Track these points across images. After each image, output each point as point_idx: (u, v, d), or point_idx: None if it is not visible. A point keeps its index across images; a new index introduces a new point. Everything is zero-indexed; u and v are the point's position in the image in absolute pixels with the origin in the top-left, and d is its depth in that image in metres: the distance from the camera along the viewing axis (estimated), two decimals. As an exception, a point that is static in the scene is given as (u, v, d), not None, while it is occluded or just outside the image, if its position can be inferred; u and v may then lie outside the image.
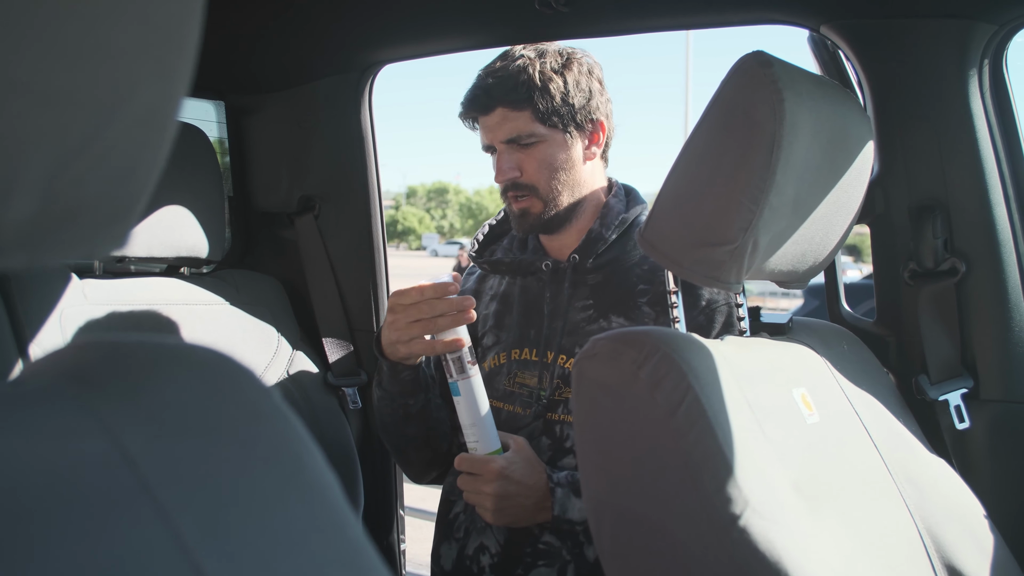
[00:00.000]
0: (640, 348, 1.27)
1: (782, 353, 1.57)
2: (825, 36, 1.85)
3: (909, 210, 1.83)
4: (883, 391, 1.70)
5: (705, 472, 1.19)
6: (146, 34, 0.44)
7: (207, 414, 0.52)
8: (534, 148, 1.94)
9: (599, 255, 2.00)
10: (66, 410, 0.47)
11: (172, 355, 0.55)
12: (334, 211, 2.52)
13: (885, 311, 1.91)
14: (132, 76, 0.44)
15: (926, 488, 1.56)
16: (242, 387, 0.56)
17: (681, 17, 2.01)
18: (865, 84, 1.83)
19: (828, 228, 1.54)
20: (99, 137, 0.44)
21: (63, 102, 0.41)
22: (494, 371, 2.07)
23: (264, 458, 0.53)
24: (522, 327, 2.06)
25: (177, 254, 2.20)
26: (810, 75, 1.45)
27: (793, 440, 1.38)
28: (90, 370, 0.51)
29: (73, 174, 0.44)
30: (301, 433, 0.57)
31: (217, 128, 2.63)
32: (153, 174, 0.49)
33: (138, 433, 0.48)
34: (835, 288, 1.97)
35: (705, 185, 1.38)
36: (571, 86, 1.94)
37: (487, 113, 1.95)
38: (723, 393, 1.27)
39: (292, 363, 2.38)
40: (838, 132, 1.46)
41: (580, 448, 1.34)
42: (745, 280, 1.44)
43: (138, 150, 0.47)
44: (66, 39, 0.40)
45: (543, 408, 1.96)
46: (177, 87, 0.47)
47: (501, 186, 1.99)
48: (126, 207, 0.48)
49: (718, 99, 1.38)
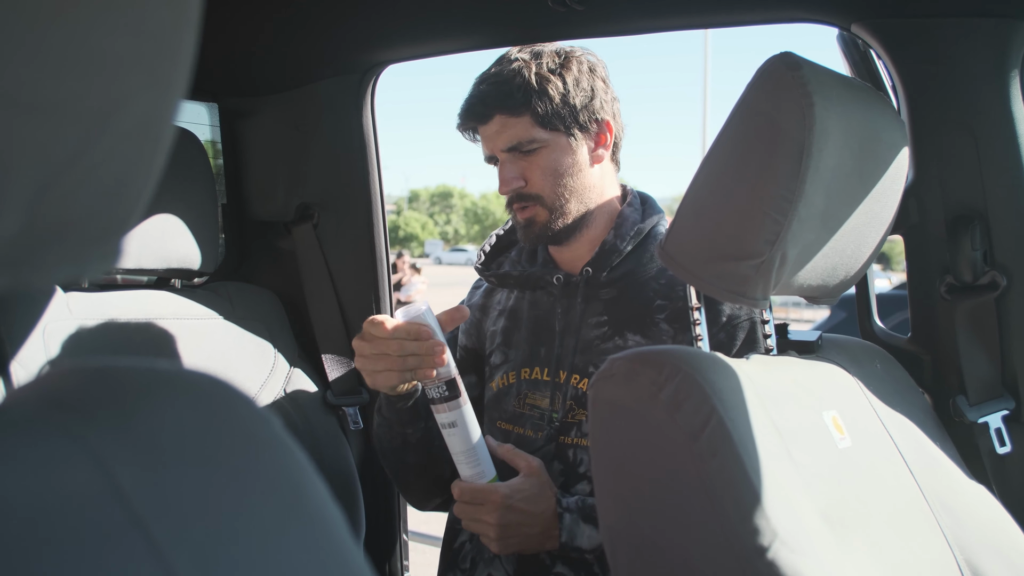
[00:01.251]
0: (660, 368, 1.26)
1: (811, 373, 1.56)
2: (856, 35, 1.84)
3: (946, 220, 1.82)
4: (918, 413, 1.69)
5: (729, 500, 1.19)
6: (139, 43, 0.44)
7: (202, 443, 0.52)
8: (536, 155, 1.93)
9: (613, 268, 1.99)
10: (52, 439, 0.47)
11: (164, 380, 0.54)
12: (334, 220, 2.51)
13: (920, 327, 1.90)
14: (124, 86, 0.44)
15: (964, 516, 1.55)
16: (239, 414, 0.56)
17: (702, 15, 2.00)
18: (899, 86, 1.82)
19: (860, 240, 1.53)
20: (89, 150, 0.44)
21: (51, 114, 0.41)
22: (503, 391, 2.06)
23: (262, 489, 0.53)
24: (532, 344, 2.04)
25: (168, 265, 2.20)
26: (841, 77, 1.45)
27: (823, 466, 1.37)
28: (78, 396, 0.50)
29: (61, 189, 0.44)
30: (301, 461, 0.57)
31: (210, 131, 2.63)
32: (147, 188, 0.49)
33: (129, 464, 0.48)
34: (867, 302, 1.96)
35: (729, 195, 1.37)
36: (571, 86, 1.93)
37: (485, 122, 1.95)
38: (749, 416, 1.27)
39: (289, 381, 2.37)
40: (870, 138, 1.45)
41: (596, 474, 1.34)
42: (772, 295, 1.44)
43: (131, 163, 0.47)
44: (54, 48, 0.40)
45: (555, 431, 1.95)
46: (172, 97, 0.47)
47: (506, 197, 1.98)
48: (118, 223, 0.48)
49: (743, 104, 1.37)
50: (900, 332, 1.97)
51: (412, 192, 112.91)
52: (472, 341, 2.19)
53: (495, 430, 2.07)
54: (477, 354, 2.18)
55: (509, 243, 2.21)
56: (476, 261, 2.18)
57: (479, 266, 2.16)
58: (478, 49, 2.25)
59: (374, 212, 2.51)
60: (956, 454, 1.70)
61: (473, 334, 2.19)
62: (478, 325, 2.19)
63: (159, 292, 2.27)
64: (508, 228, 2.20)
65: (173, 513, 0.48)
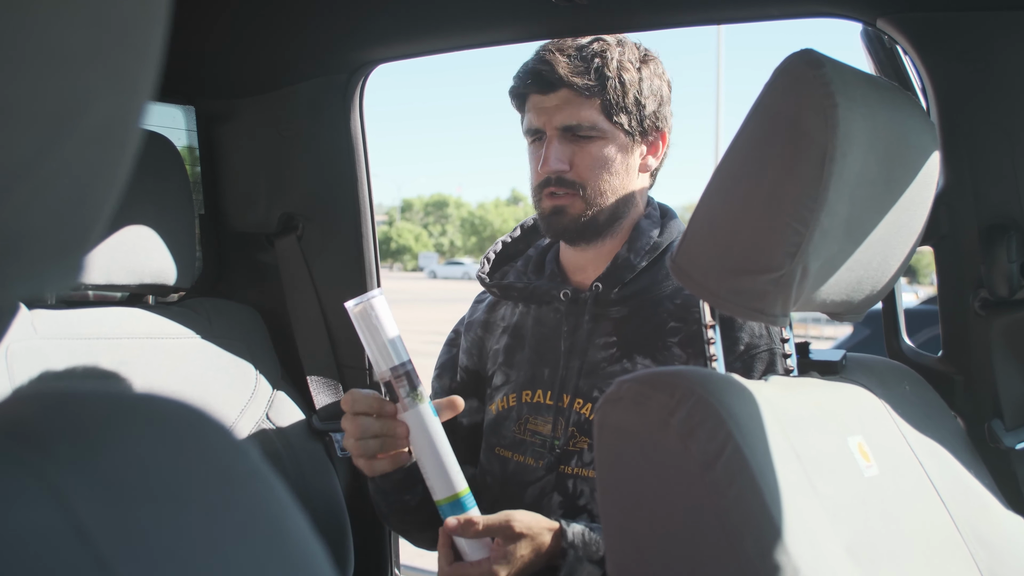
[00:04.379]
0: (671, 391, 1.25)
1: (835, 395, 1.55)
2: (882, 31, 1.84)
3: (979, 230, 1.81)
4: (950, 438, 1.68)
5: (747, 535, 1.18)
6: (101, 37, 0.43)
7: (172, 478, 0.51)
8: (591, 143, 1.92)
9: (625, 285, 1.97)
10: (8, 473, 0.46)
11: (131, 408, 0.53)
12: (320, 231, 2.51)
13: (952, 346, 1.90)
14: (85, 85, 0.43)
15: (1000, 549, 1.54)
16: (212, 445, 0.54)
17: (719, 10, 2.00)
18: (928, 86, 1.82)
19: (887, 252, 1.52)
20: (47, 156, 0.43)
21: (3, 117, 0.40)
22: (502, 415, 2.05)
23: (238, 527, 0.52)
24: (534, 365, 2.03)
25: (140, 280, 2.19)
26: (866, 76, 1.44)
27: (848, 496, 1.36)
28: (37, 426, 0.49)
29: (16, 200, 0.43)
30: (281, 496, 0.56)
31: (186, 136, 2.62)
32: (110, 197, 0.48)
33: (92, 500, 0.47)
34: (894, 319, 1.95)
35: (746, 204, 1.36)
36: (646, 85, 1.93)
37: (548, 92, 1.93)
38: (768, 442, 1.26)
39: (272, 405, 2.36)
40: (898, 142, 1.44)
41: (603, 507, 1.33)
42: (792, 312, 1.43)
43: (93, 170, 0.46)
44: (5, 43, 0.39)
45: (555, 460, 1.94)
46: (138, 97, 0.46)
47: (540, 178, 1.96)
48: (80, 236, 0.47)
49: (760, 105, 1.36)
50: (929, 350, 1.96)
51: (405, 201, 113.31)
52: (474, 362, 2.17)
53: (493, 457, 2.05)
54: (479, 376, 2.16)
55: (516, 252, 2.20)
56: (479, 269, 2.17)
57: (483, 275, 2.14)
58: (475, 47, 2.25)
59: (363, 223, 2.50)
60: (992, 482, 1.69)
61: (475, 354, 2.17)
62: (480, 344, 2.17)
63: (131, 309, 2.26)
64: (516, 236, 2.19)
65: (141, 554, 0.46)
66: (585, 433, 1.92)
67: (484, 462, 2.09)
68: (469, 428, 2.15)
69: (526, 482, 1.96)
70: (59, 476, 0.47)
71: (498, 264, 2.17)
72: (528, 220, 2.22)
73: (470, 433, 2.15)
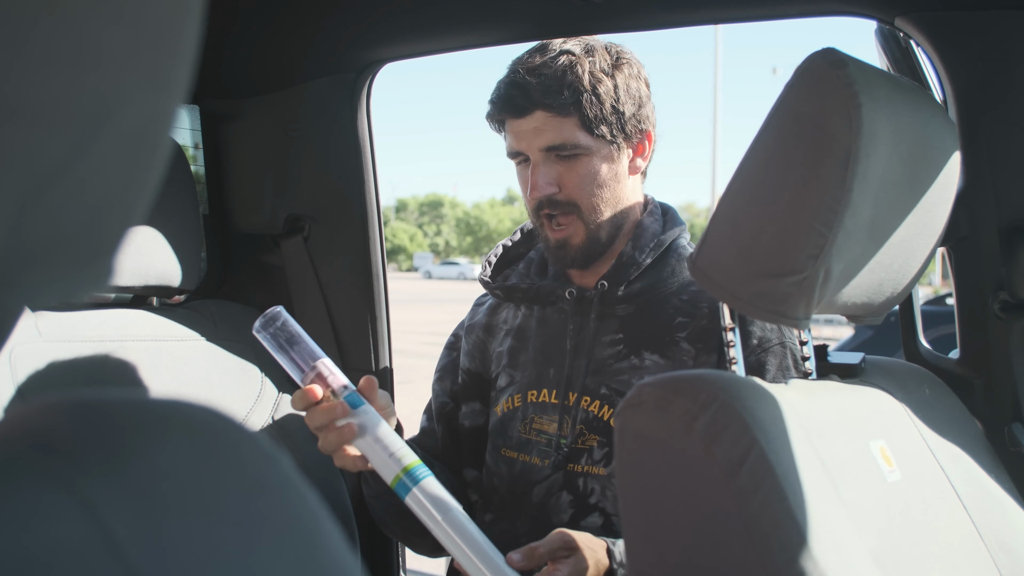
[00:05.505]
0: (694, 396, 1.24)
1: (856, 399, 1.54)
2: (899, 29, 1.83)
3: (999, 231, 1.81)
4: (971, 442, 1.68)
5: (774, 542, 1.17)
6: (137, 36, 0.42)
7: (204, 488, 0.50)
8: (576, 161, 1.92)
9: (631, 282, 1.98)
10: (37, 485, 0.45)
11: (160, 416, 0.53)
12: (326, 233, 2.51)
13: (971, 348, 1.90)
14: (120, 85, 0.42)
15: (1022, 555, 1.54)
16: (244, 454, 0.54)
17: (735, 8, 2.00)
18: (947, 86, 1.82)
19: (908, 253, 1.51)
20: (81, 158, 0.42)
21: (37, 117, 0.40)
22: (508, 416, 2.05)
23: (272, 539, 0.52)
24: (539, 365, 2.03)
25: (145, 282, 2.18)
26: (888, 76, 1.44)
27: (872, 501, 1.36)
28: (64, 436, 0.49)
29: (49, 203, 0.42)
30: (314, 506, 0.55)
31: (191, 136, 2.61)
32: (143, 200, 0.47)
33: (124, 512, 0.46)
34: (912, 321, 1.95)
35: (768, 206, 1.35)
36: (622, 91, 1.92)
37: (523, 115, 1.92)
38: (792, 448, 1.25)
39: (278, 408, 2.36)
40: (920, 142, 1.44)
41: (624, 514, 1.32)
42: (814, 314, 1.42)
43: (127, 172, 0.45)
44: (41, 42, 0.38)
45: (563, 459, 1.94)
46: (172, 98, 0.46)
47: (532, 203, 1.97)
48: (111, 240, 0.47)
49: (782, 105, 1.35)
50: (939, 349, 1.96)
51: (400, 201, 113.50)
52: (476, 364, 2.17)
53: (499, 458, 2.06)
54: (482, 379, 2.16)
55: (516, 256, 2.20)
56: (481, 273, 2.17)
57: (485, 278, 2.15)
58: (486, 46, 2.25)
59: (370, 224, 2.50)
60: (1013, 487, 1.68)
61: (477, 356, 2.18)
62: (483, 346, 2.18)
63: (136, 311, 2.25)
64: (517, 240, 2.19)
65: (173, 567, 0.46)
66: (594, 431, 1.92)
67: (491, 464, 2.08)
68: (471, 431, 2.16)
69: (532, 481, 1.96)
70: (89, 487, 0.46)
71: (499, 268, 2.18)
72: (528, 223, 2.22)
73: (472, 436, 2.15)
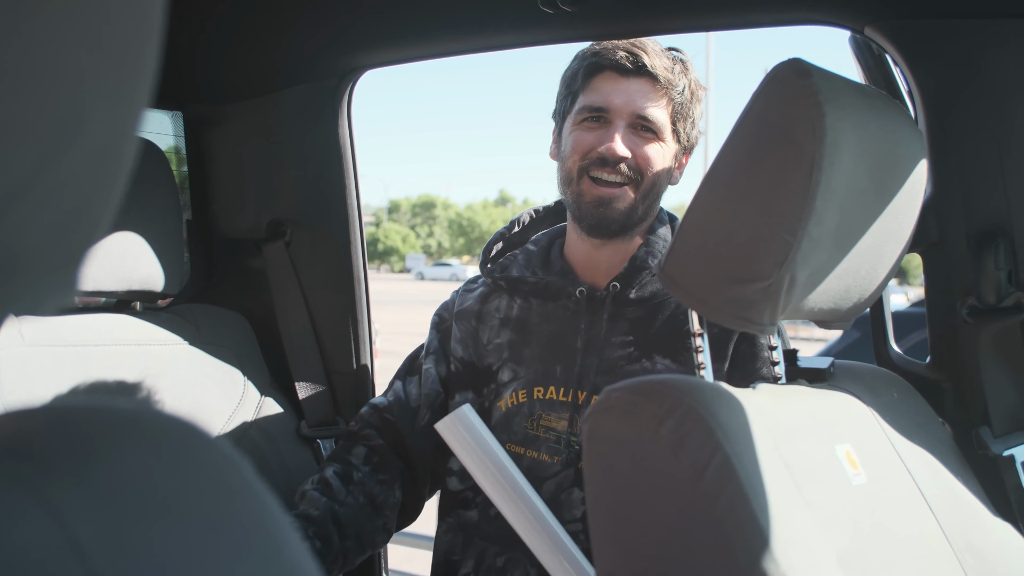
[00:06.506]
0: (661, 400, 1.26)
1: (823, 403, 1.56)
2: (870, 38, 1.86)
3: (968, 238, 1.82)
4: (939, 445, 1.69)
5: (738, 543, 1.19)
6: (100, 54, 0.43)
7: (169, 493, 0.51)
8: (654, 141, 1.99)
9: (642, 286, 2.00)
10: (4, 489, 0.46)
11: (127, 423, 0.53)
12: (308, 237, 2.52)
13: (940, 353, 1.90)
14: (83, 103, 0.43)
15: (990, 557, 1.55)
16: (208, 459, 0.55)
17: (706, 17, 2.01)
18: (916, 94, 1.83)
19: (875, 260, 1.53)
20: (44, 174, 0.42)
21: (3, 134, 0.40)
22: (512, 411, 2.05)
23: (235, 542, 0.52)
24: (546, 361, 2.04)
25: (128, 287, 2.19)
26: (855, 85, 1.45)
27: (837, 504, 1.37)
28: (32, 442, 0.49)
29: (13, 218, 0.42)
30: (276, 510, 0.56)
31: (174, 142, 2.62)
32: (107, 215, 0.48)
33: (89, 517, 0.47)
34: (882, 326, 1.97)
35: (735, 213, 1.38)
36: (698, 109, 2.05)
37: (631, 76, 1.97)
38: (756, 452, 1.27)
39: (260, 411, 2.37)
40: (887, 150, 1.45)
41: (593, 516, 1.33)
42: (781, 320, 1.44)
43: (90, 187, 0.46)
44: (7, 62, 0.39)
45: (575, 456, 1.95)
46: (135, 112, 0.46)
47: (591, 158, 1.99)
48: (75, 254, 0.47)
49: (749, 114, 1.38)
50: (918, 354, 1.97)
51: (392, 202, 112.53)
52: (469, 353, 2.15)
53: None
54: (475, 368, 2.14)
55: (517, 242, 2.21)
56: (481, 261, 2.18)
57: (487, 266, 2.16)
58: (464, 53, 2.25)
59: (351, 229, 2.51)
60: (980, 490, 1.70)
61: (470, 344, 2.16)
62: (475, 335, 2.16)
63: (119, 316, 2.26)
64: (514, 232, 2.21)
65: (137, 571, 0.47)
66: None
67: None
68: None
69: (542, 477, 1.97)
70: (57, 493, 0.47)
71: (498, 257, 2.18)
72: (523, 216, 2.24)
73: None
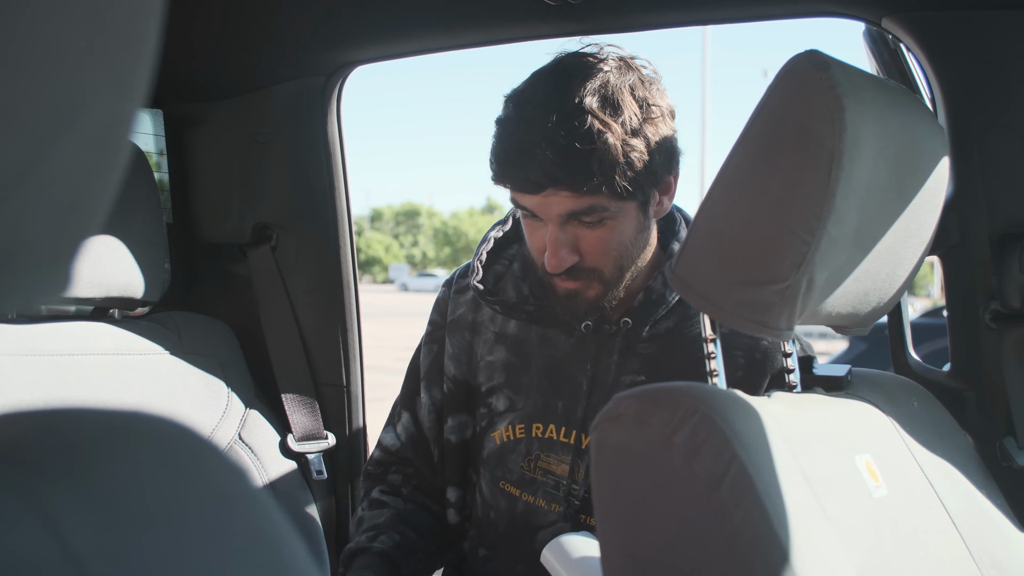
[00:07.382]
0: (674, 409, 1.24)
1: (841, 413, 1.54)
2: (887, 31, 1.84)
3: (991, 239, 1.82)
4: (961, 457, 1.68)
5: (756, 558, 1.17)
6: (99, 35, 0.42)
7: (168, 500, 0.51)
8: (601, 227, 1.76)
9: (657, 323, 1.88)
10: None
11: (125, 428, 0.54)
12: (295, 242, 2.51)
13: (962, 360, 1.90)
14: (82, 86, 0.42)
15: (1013, 572, 1.54)
16: (208, 465, 0.55)
17: (720, 9, 2.01)
18: (936, 88, 1.83)
19: (895, 262, 1.52)
20: (42, 161, 0.42)
21: None
22: (507, 447, 1.95)
23: (236, 551, 0.52)
24: (545, 393, 1.93)
25: (106, 294, 2.17)
26: (874, 79, 1.44)
27: (857, 517, 1.36)
28: (26, 447, 0.49)
29: (9, 207, 0.42)
30: (278, 519, 0.56)
31: (154, 141, 2.61)
32: (103, 205, 0.48)
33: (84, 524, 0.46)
34: (900, 332, 1.96)
35: (750, 213, 1.36)
36: (653, 145, 1.73)
37: (537, 192, 1.73)
38: (774, 462, 1.25)
39: (245, 424, 2.35)
40: (908, 147, 1.44)
41: (602, 530, 1.31)
42: (798, 325, 1.42)
43: (88, 175, 0.45)
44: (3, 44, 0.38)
45: (575, 510, 1.88)
46: (135, 98, 0.46)
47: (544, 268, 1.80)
48: (70, 246, 0.47)
49: (764, 108, 1.35)
50: (933, 363, 1.97)
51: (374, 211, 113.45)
52: (462, 371, 2.03)
53: (497, 491, 1.96)
54: (468, 387, 2.03)
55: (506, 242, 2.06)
56: (473, 277, 1.98)
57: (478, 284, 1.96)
58: (460, 48, 2.25)
59: (340, 233, 2.50)
60: (1004, 503, 1.69)
61: (463, 361, 2.03)
62: (468, 349, 2.03)
63: (97, 324, 2.25)
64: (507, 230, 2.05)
65: None
66: None
67: (487, 495, 1.98)
68: (457, 446, 2.03)
69: (537, 525, 1.90)
70: (51, 499, 0.46)
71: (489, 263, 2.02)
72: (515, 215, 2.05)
73: (457, 451, 2.03)
